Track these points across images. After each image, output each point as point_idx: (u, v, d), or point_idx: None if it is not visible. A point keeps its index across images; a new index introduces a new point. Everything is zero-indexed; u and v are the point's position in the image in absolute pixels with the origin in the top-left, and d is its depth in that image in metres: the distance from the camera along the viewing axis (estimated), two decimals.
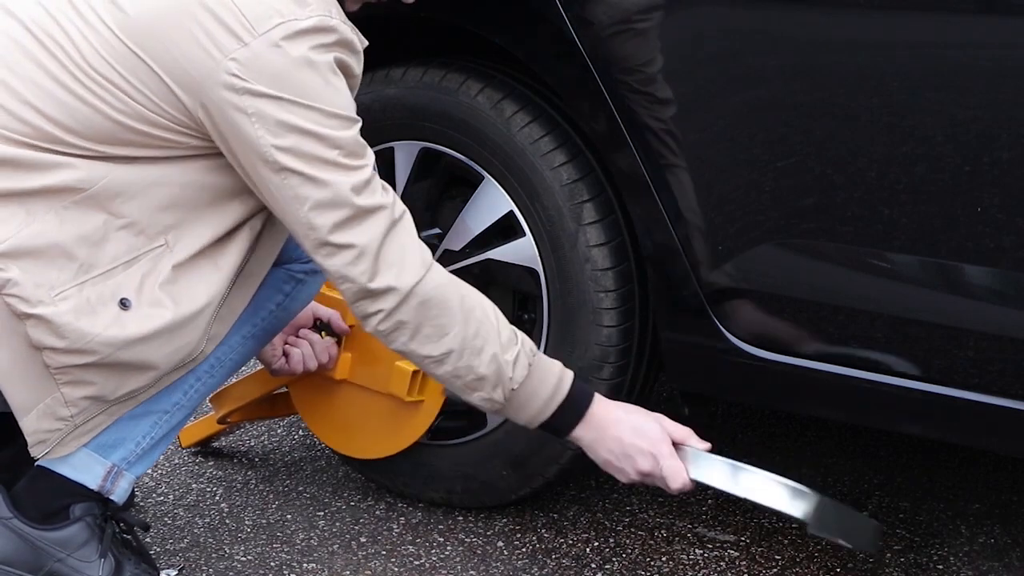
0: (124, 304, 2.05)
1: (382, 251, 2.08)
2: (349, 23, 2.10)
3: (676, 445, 2.20)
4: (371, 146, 2.53)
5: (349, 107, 2.07)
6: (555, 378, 2.20)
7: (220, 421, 2.81)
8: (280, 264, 2.35)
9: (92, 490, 2.19)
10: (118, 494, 2.21)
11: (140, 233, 2.07)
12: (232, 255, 2.15)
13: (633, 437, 2.20)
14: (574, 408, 2.21)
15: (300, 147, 2.02)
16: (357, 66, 2.12)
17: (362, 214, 2.07)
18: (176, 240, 2.09)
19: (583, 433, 2.22)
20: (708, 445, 2.21)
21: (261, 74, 2.00)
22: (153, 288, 2.07)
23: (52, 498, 2.19)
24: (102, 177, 2.05)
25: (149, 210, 2.08)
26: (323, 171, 2.04)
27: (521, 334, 2.20)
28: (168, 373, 2.14)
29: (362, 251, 2.07)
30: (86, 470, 2.18)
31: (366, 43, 2.17)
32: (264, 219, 2.17)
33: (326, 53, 2.04)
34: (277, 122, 2.01)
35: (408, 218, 2.13)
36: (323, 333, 2.57)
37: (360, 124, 2.09)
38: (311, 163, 2.03)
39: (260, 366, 2.61)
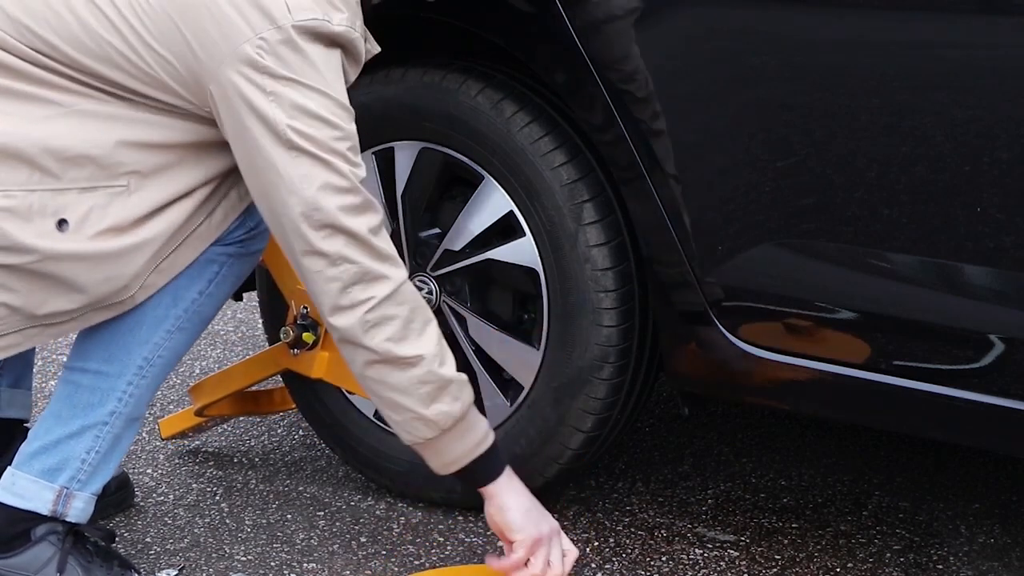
0: (62, 224, 2.06)
1: (376, 241, 2.11)
2: (365, 31, 2.17)
3: None
4: (371, 146, 2.57)
5: (350, 105, 2.13)
6: (483, 426, 2.21)
7: (198, 413, 2.80)
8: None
9: (45, 515, 2.22)
10: (74, 515, 2.24)
11: (106, 167, 2.08)
12: (186, 208, 2.14)
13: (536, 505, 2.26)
14: (498, 458, 2.23)
15: (315, 132, 2.05)
16: (354, 77, 2.18)
17: (366, 205, 2.10)
18: (139, 187, 2.10)
19: (506, 482, 2.23)
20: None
21: (285, 59, 2.03)
22: (97, 223, 2.07)
23: (9, 526, 2.23)
24: (89, 103, 2.08)
25: (123, 147, 2.08)
26: (334, 158, 2.07)
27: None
28: (93, 308, 2.12)
29: (362, 238, 2.09)
30: (35, 497, 2.22)
31: (378, 50, 2.24)
32: (230, 186, 2.18)
33: (340, 58, 2.11)
34: (294, 104, 2.04)
35: None
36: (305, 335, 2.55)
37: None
38: (324, 149, 2.06)
39: (241, 357, 2.59)
